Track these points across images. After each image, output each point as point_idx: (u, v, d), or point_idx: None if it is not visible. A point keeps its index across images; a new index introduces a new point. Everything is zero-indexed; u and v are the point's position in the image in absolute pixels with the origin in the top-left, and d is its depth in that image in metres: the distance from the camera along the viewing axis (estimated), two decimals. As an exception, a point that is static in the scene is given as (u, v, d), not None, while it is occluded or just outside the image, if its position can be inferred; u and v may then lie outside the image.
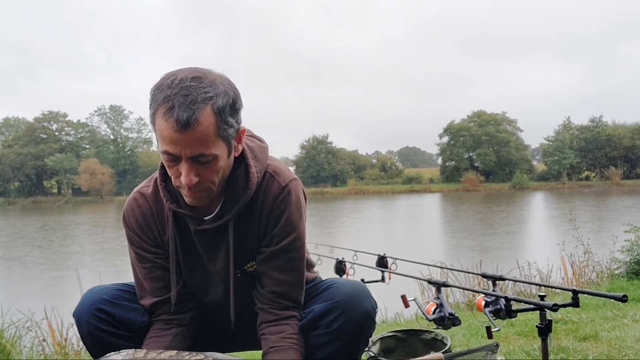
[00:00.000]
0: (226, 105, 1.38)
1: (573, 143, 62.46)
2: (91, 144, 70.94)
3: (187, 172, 1.37)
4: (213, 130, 1.35)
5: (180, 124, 1.30)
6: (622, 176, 57.87)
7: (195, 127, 1.32)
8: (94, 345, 1.56)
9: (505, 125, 66.18)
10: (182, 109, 1.31)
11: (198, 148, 1.35)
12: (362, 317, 1.52)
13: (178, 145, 1.34)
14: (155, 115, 1.36)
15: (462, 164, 64.25)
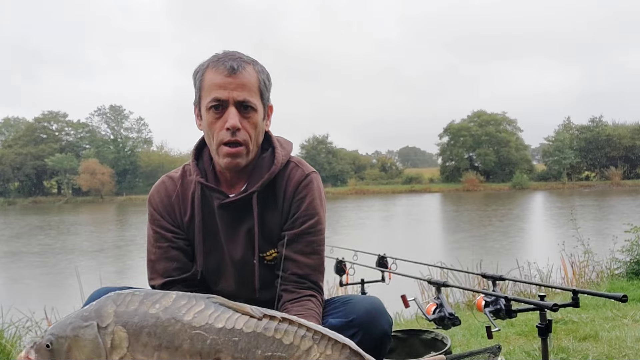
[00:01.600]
0: (263, 72, 1.62)
1: (573, 143, 62.44)
2: (91, 144, 70.91)
3: (234, 114, 1.53)
4: (256, 82, 1.57)
5: (230, 69, 1.53)
6: (622, 176, 57.85)
7: (243, 72, 1.54)
8: None
9: (505, 125, 66.17)
10: (232, 59, 1.55)
11: (244, 92, 1.53)
12: (380, 335, 1.51)
13: (227, 88, 1.52)
14: (204, 72, 1.57)
15: (462, 164, 64.23)
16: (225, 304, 1.22)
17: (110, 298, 1.26)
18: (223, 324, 1.18)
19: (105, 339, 1.21)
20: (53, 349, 1.24)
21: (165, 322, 1.20)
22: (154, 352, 1.18)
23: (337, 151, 69.60)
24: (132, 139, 73.74)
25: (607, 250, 6.91)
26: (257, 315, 1.19)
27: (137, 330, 1.19)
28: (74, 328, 1.24)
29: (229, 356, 1.16)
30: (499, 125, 65.24)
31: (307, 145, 67.96)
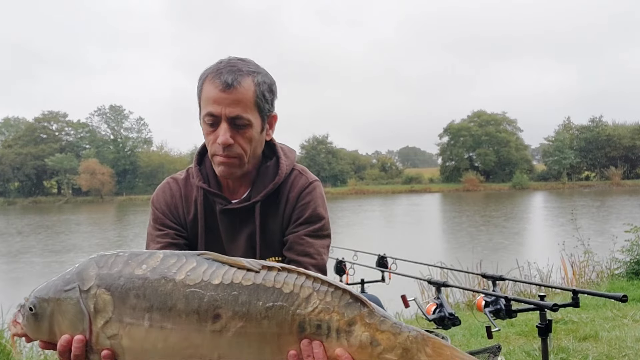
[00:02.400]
0: (265, 82, 1.60)
1: (573, 143, 62.43)
2: (91, 144, 70.89)
3: (225, 131, 1.53)
4: (252, 96, 1.55)
5: (224, 84, 1.51)
6: (622, 176, 57.83)
7: (237, 88, 1.52)
8: None
9: (505, 125, 66.17)
10: (228, 74, 1.53)
11: (236, 109, 1.53)
12: None
13: (220, 104, 1.52)
14: (204, 83, 1.57)
15: (462, 164, 64.22)
16: (218, 259, 1.19)
17: (92, 260, 1.22)
18: (220, 279, 1.15)
19: (88, 303, 1.16)
20: (37, 313, 1.21)
21: (155, 283, 1.15)
22: (144, 314, 1.13)
23: (337, 151, 69.57)
24: (132, 139, 73.71)
25: (607, 250, 6.91)
26: (255, 268, 1.17)
27: (123, 293, 1.15)
28: (56, 292, 1.20)
29: (229, 311, 1.13)
30: (499, 125, 65.23)
31: (307, 146, 67.92)
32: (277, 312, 1.14)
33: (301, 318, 1.14)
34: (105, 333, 1.15)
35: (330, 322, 1.15)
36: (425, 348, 1.15)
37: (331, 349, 1.17)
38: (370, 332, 1.15)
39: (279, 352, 1.16)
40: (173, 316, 1.13)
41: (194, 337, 1.13)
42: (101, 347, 1.17)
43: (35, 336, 1.24)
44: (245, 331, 1.13)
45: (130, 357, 1.16)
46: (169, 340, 1.13)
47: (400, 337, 1.15)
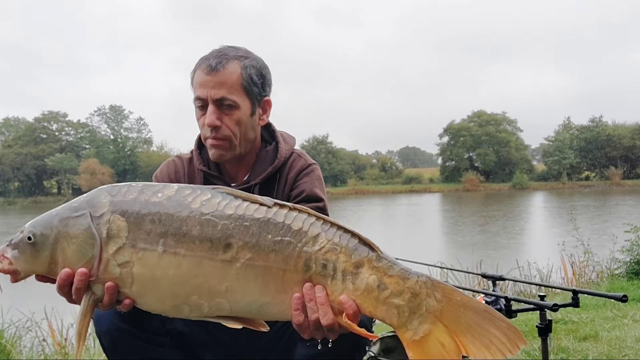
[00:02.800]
0: (253, 66, 1.62)
1: (573, 143, 62.42)
2: (91, 144, 70.86)
3: (211, 113, 1.56)
4: (237, 79, 1.58)
5: (209, 67, 1.56)
6: (622, 176, 57.83)
7: (221, 70, 1.56)
8: (111, 346, 1.53)
9: (505, 125, 66.17)
10: (214, 59, 1.58)
11: (221, 90, 1.56)
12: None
13: (206, 87, 1.56)
14: (195, 71, 1.61)
15: (462, 164, 64.22)
16: (233, 193, 1.20)
17: (103, 189, 1.20)
18: (233, 210, 1.16)
19: (100, 229, 1.14)
20: (36, 242, 1.16)
21: (171, 209, 1.15)
22: (159, 239, 1.13)
23: (337, 151, 69.56)
24: (132, 139, 73.66)
25: (607, 250, 6.90)
26: (268, 204, 1.18)
27: (139, 218, 1.14)
28: (62, 219, 1.16)
29: (240, 241, 1.13)
30: (499, 125, 65.23)
31: (307, 145, 67.88)
32: (285, 247, 1.14)
33: (307, 256, 1.14)
34: (117, 260, 1.13)
35: (337, 263, 1.14)
36: (435, 293, 1.13)
37: (335, 293, 1.15)
38: (378, 276, 1.14)
39: (283, 289, 1.15)
40: (187, 242, 1.13)
41: (205, 265, 1.13)
42: (108, 276, 1.14)
43: (31, 269, 1.19)
44: (252, 263, 1.13)
45: (138, 287, 1.14)
46: (181, 267, 1.13)
47: (409, 281, 1.13)
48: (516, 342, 1.09)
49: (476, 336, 1.09)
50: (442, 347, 1.11)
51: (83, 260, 1.14)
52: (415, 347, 1.12)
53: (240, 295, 1.15)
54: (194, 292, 1.14)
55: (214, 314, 1.17)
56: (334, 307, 1.15)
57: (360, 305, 1.14)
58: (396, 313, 1.13)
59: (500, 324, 1.10)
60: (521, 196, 44.19)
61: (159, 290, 1.14)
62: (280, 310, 1.18)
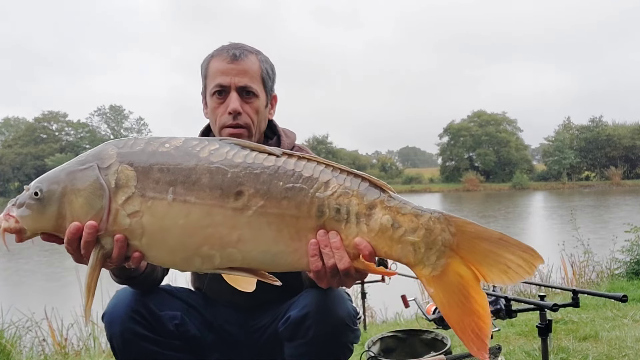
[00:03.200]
0: (266, 61, 1.69)
1: (573, 143, 62.37)
2: (91, 144, 70.72)
3: (235, 99, 1.60)
4: (257, 69, 1.65)
5: (232, 56, 1.61)
6: (622, 176, 57.74)
7: (245, 59, 1.62)
8: (123, 348, 1.52)
9: (505, 125, 66.10)
10: (235, 48, 1.63)
11: (244, 78, 1.61)
12: (337, 325, 1.46)
13: (229, 74, 1.60)
14: (209, 62, 1.64)
15: (462, 164, 64.16)
16: (240, 143, 1.19)
17: (109, 143, 1.19)
18: (243, 159, 1.15)
19: (109, 179, 1.13)
20: (43, 197, 1.14)
21: (179, 158, 1.14)
22: (168, 187, 1.12)
23: (337, 151, 69.51)
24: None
25: (607, 250, 6.90)
26: (276, 153, 1.17)
27: (147, 168, 1.13)
28: (69, 172, 1.15)
29: (251, 189, 1.12)
30: (499, 125, 65.16)
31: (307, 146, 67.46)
32: (297, 194, 1.13)
33: (320, 201, 1.14)
34: (126, 210, 1.12)
35: (350, 206, 1.15)
36: (449, 227, 1.14)
37: (350, 237, 1.15)
38: (391, 215, 1.14)
39: (297, 236, 1.15)
40: (197, 190, 1.12)
41: (215, 213, 1.12)
42: (118, 227, 1.13)
43: (38, 226, 1.17)
44: (265, 211, 1.12)
45: (148, 238, 1.13)
46: (190, 215, 1.11)
47: (422, 218, 1.14)
48: (532, 262, 1.11)
49: (492, 263, 1.12)
50: (460, 278, 1.13)
51: (92, 212, 1.12)
52: (435, 282, 1.14)
53: (252, 245, 1.14)
54: (204, 243, 1.13)
55: (226, 265, 1.16)
56: (349, 252, 1.15)
57: (375, 247, 1.15)
58: (412, 250, 1.14)
59: (514, 249, 1.11)
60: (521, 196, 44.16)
61: (169, 241, 1.13)
62: (295, 259, 1.17)
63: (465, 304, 1.12)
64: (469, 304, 1.12)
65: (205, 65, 1.67)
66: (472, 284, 1.12)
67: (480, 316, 1.11)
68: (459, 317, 1.12)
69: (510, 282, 1.11)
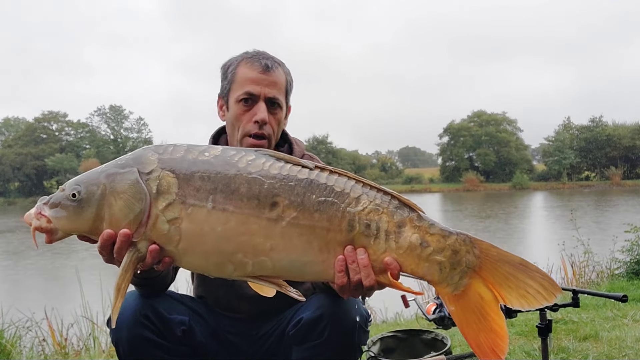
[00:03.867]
0: (290, 74, 1.75)
1: (573, 143, 62.36)
2: (91, 144, 70.79)
3: (263, 110, 1.63)
4: (284, 81, 1.70)
5: (264, 66, 1.64)
6: (622, 176, 57.74)
7: (275, 71, 1.66)
8: (129, 354, 1.50)
9: (505, 125, 66.10)
10: (265, 58, 1.66)
11: (274, 90, 1.65)
12: (350, 326, 1.48)
13: (260, 84, 1.63)
14: (238, 66, 1.67)
15: (462, 164, 64.15)
16: (275, 155, 1.22)
17: (149, 148, 1.21)
18: (278, 170, 1.18)
19: (150, 185, 1.14)
20: (82, 199, 1.14)
21: (219, 167, 1.16)
22: (208, 195, 1.14)
23: (337, 151, 69.52)
24: (132, 139, 73.56)
25: (607, 250, 6.90)
26: (309, 166, 1.20)
27: (188, 175, 1.15)
28: (109, 175, 1.15)
29: (285, 200, 1.15)
30: (499, 125, 65.16)
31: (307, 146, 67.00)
32: (329, 207, 1.17)
33: (351, 216, 1.17)
34: (166, 216, 1.14)
35: (380, 223, 1.18)
36: (474, 249, 1.19)
37: (378, 252, 1.18)
38: (420, 234, 1.19)
39: (326, 248, 1.18)
40: (235, 199, 1.14)
41: (251, 222, 1.15)
42: (157, 233, 1.14)
43: (73, 227, 1.17)
44: (297, 222, 1.16)
45: (185, 244, 1.15)
46: (228, 223, 1.14)
47: (449, 239, 1.19)
48: (551, 291, 1.15)
49: (513, 287, 1.16)
50: (481, 299, 1.18)
51: (131, 215, 1.13)
52: (456, 301, 1.20)
53: (283, 254, 1.17)
54: (239, 250, 1.15)
55: (257, 272, 1.19)
56: (375, 266, 1.19)
57: (402, 264, 1.19)
58: (438, 269, 1.18)
59: (535, 275, 1.16)
60: (521, 196, 44.16)
61: (205, 247, 1.15)
62: (322, 270, 1.20)
63: (483, 323, 1.17)
64: (487, 323, 1.17)
65: (232, 69, 1.68)
66: (492, 305, 1.17)
67: (498, 335, 1.16)
68: (476, 335, 1.17)
69: (528, 306, 1.15)
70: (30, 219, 1.17)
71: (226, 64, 1.72)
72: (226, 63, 1.73)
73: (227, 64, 1.72)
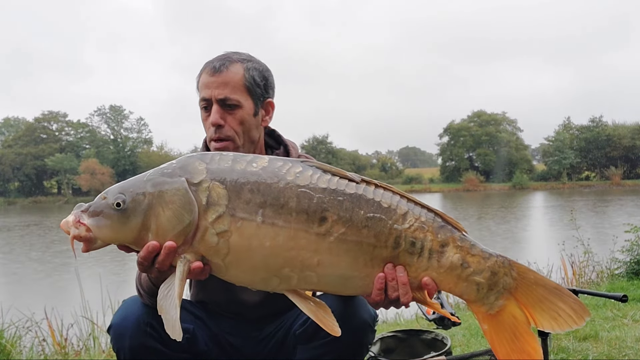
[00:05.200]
0: (256, 68, 1.65)
1: (573, 143, 62.36)
2: (91, 144, 70.79)
3: (214, 112, 1.59)
4: (240, 79, 1.61)
5: (213, 69, 1.60)
6: (622, 176, 57.74)
7: (224, 71, 1.60)
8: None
9: (505, 125, 66.12)
10: (217, 61, 1.62)
11: (225, 90, 1.59)
12: (360, 326, 1.47)
13: (210, 87, 1.60)
14: (200, 75, 1.65)
15: (462, 164, 64.16)
16: (322, 167, 1.20)
17: (194, 157, 1.18)
18: (326, 184, 1.16)
19: (199, 196, 1.11)
20: (127, 209, 1.10)
21: (268, 180, 1.13)
22: (257, 209, 1.11)
23: (337, 151, 69.53)
24: (132, 139, 73.59)
25: (607, 250, 6.90)
26: (356, 179, 1.19)
27: (238, 187, 1.12)
28: (156, 184, 1.12)
29: (334, 215, 1.14)
30: (499, 125, 65.18)
31: (307, 146, 67.87)
32: (377, 224, 1.16)
33: (398, 233, 1.17)
34: (215, 229, 1.11)
35: (425, 241, 1.19)
36: (512, 272, 1.22)
37: (419, 270, 1.20)
38: (462, 255, 1.20)
39: (372, 264, 1.18)
40: (284, 214, 1.12)
41: (300, 237, 1.13)
42: (205, 245, 1.12)
43: (116, 237, 1.13)
44: (345, 238, 1.15)
45: (233, 257, 1.12)
46: (277, 238, 1.12)
47: (489, 261, 1.21)
48: (582, 315, 1.18)
49: (545, 309, 1.19)
50: (514, 320, 1.21)
51: (179, 226, 1.10)
52: (490, 320, 1.23)
53: (330, 269, 1.16)
54: (286, 265, 1.14)
55: (301, 287, 1.19)
56: (412, 283, 1.20)
57: (440, 282, 1.21)
58: (475, 289, 1.21)
59: (567, 299, 1.19)
60: (521, 196, 44.16)
61: (253, 261, 1.13)
62: (364, 284, 1.20)
63: (516, 344, 1.19)
64: (520, 344, 1.19)
65: (197, 78, 1.68)
66: (524, 326, 1.20)
67: (531, 356, 1.19)
68: (508, 355, 1.19)
69: (559, 328, 1.19)
70: (67, 227, 1.12)
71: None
72: None
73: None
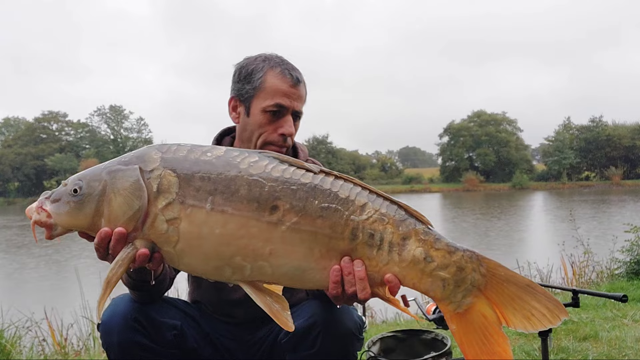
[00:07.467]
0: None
1: (573, 143, 62.35)
2: (91, 144, 70.78)
3: (291, 124, 1.65)
4: (306, 94, 1.72)
5: (295, 80, 1.64)
6: (622, 176, 57.72)
7: (302, 85, 1.68)
8: (120, 358, 1.48)
9: (505, 125, 66.09)
10: (294, 71, 1.66)
11: (300, 104, 1.68)
12: (343, 334, 1.45)
13: (290, 98, 1.64)
14: (266, 74, 1.64)
15: (462, 164, 64.14)
16: (279, 157, 1.19)
17: (152, 147, 1.20)
18: (280, 173, 1.15)
19: (151, 183, 1.13)
20: (82, 194, 1.12)
21: (220, 168, 1.14)
22: (207, 196, 1.12)
23: (337, 151, 69.50)
24: (132, 139, 73.53)
25: (607, 250, 6.90)
26: (314, 170, 1.17)
27: (189, 175, 1.13)
28: (111, 171, 1.14)
29: (286, 204, 1.13)
30: (499, 125, 65.15)
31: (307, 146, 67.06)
32: (332, 214, 1.14)
33: (355, 224, 1.14)
34: (165, 216, 1.12)
35: (384, 234, 1.15)
36: (480, 268, 1.15)
37: (380, 264, 1.15)
38: (425, 248, 1.15)
39: (327, 255, 1.15)
40: (235, 201, 1.12)
41: (251, 225, 1.12)
42: (155, 232, 1.13)
43: (73, 223, 1.15)
44: (298, 227, 1.13)
45: (183, 245, 1.13)
46: (227, 226, 1.12)
47: (455, 255, 1.15)
48: (557, 314, 1.12)
49: (517, 308, 1.13)
50: (484, 319, 1.14)
51: (129, 212, 1.12)
52: (458, 319, 1.16)
53: (283, 260, 1.14)
54: (238, 253, 1.13)
55: (256, 277, 1.16)
56: (374, 278, 1.16)
57: (404, 277, 1.15)
58: (441, 286, 1.15)
59: (541, 298, 1.12)
60: (521, 196, 44.15)
61: (204, 249, 1.13)
62: (322, 277, 1.17)
63: (487, 345, 1.13)
64: (490, 345, 1.13)
65: (259, 76, 1.63)
66: (495, 326, 1.14)
67: (500, 357, 1.12)
68: (477, 356, 1.13)
69: (532, 328, 1.12)
70: (31, 213, 1.15)
71: (247, 67, 1.66)
72: (246, 65, 1.67)
73: (248, 67, 1.66)
